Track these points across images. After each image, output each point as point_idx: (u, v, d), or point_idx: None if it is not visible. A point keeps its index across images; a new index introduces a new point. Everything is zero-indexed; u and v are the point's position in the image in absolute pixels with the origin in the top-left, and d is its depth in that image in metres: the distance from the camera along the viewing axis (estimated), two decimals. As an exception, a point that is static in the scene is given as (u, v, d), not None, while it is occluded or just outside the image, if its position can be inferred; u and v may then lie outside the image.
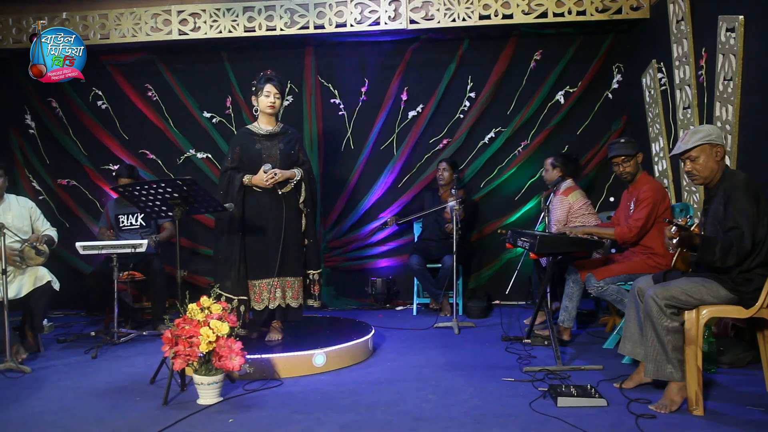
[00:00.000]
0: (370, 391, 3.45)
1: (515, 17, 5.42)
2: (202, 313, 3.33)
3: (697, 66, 4.48)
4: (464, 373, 3.76)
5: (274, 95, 4.15)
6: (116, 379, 3.84)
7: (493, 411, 3.09)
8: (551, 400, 3.18)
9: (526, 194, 5.99)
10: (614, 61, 5.86)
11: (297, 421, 3.01)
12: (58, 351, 4.62)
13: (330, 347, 3.89)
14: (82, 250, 4.67)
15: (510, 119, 5.95)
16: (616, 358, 3.94)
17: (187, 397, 3.42)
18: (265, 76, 4.20)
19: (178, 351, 3.26)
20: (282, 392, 3.48)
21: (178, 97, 6.18)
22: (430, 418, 3.02)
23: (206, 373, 3.29)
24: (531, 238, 3.79)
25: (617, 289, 3.86)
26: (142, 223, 5.32)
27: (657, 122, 5.17)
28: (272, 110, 4.16)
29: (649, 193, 3.87)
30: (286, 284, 4.17)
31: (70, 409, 3.29)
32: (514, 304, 5.88)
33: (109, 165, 6.27)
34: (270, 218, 4.11)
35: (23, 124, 6.32)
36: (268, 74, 4.22)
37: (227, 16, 5.64)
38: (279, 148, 4.19)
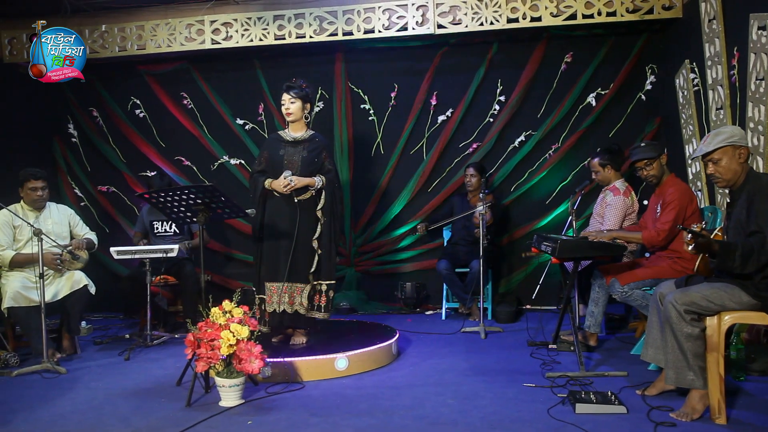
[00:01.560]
0: (389, 396, 3.47)
1: (543, 20, 5.37)
2: (223, 316, 3.41)
3: (729, 66, 4.37)
4: (486, 378, 3.74)
5: (289, 101, 4.23)
6: (145, 380, 3.95)
7: (509, 416, 3.07)
8: (570, 406, 3.15)
9: (557, 198, 5.92)
10: (647, 62, 5.74)
11: (313, 425, 3.05)
12: (94, 353, 4.78)
13: (352, 351, 3.93)
14: (116, 255, 4.82)
15: (540, 122, 5.89)
16: (642, 365, 3.84)
17: (210, 399, 3.50)
18: (284, 87, 4.29)
19: (200, 354, 3.34)
20: (302, 395, 3.53)
21: (212, 105, 6.32)
22: (446, 423, 3.02)
23: (228, 375, 3.36)
24: (553, 242, 3.75)
25: (642, 295, 3.78)
26: (176, 230, 5.46)
27: (690, 123, 5.05)
28: (289, 117, 4.25)
29: (675, 195, 3.78)
30: (295, 290, 4.21)
31: (98, 409, 3.40)
32: (544, 309, 5.81)
33: (147, 172, 6.45)
34: (285, 223, 4.19)
35: (66, 132, 6.56)
36: (286, 84, 4.31)
37: (258, 24, 5.74)
38: (302, 155, 4.25)
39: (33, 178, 4.58)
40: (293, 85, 4.28)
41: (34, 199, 4.60)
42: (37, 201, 4.62)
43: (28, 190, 4.59)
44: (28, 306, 4.40)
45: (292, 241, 4.15)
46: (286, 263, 4.15)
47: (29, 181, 4.58)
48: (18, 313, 4.39)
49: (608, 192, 4.76)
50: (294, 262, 4.15)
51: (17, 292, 4.37)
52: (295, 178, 4.14)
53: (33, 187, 4.58)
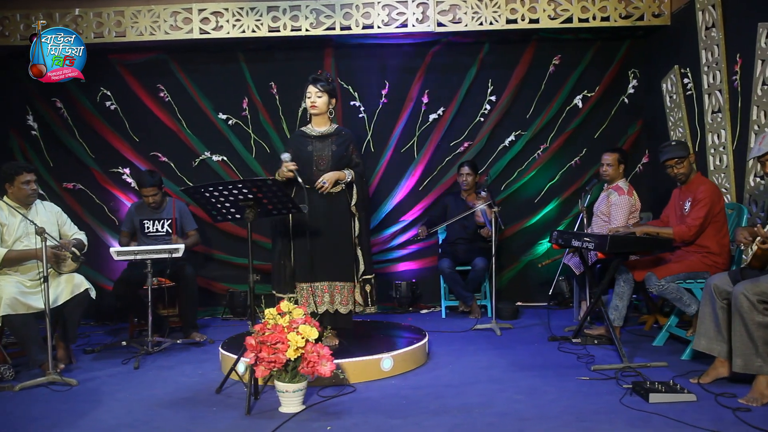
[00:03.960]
0: (452, 394, 3.42)
1: (541, 22, 5.49)
2: (283, 318, 3.24)
3: (731, 71, 4.64)
4: (534, 373, 3.77)
5: (315, 94, 4.09)
6: (175, 389, 3.69)
7: (588, 409, 3.10)
8: (637, 396, 3.22)
9: (546, 197, 6.07)
10: (630, 67, 6.00)
11: (398, 426, 2.96)
12: (91, 362, 4.41)
13: (396, 351, 3.84)
14: (117, 255, 4.48)
15: (530, 123, 6.02)
16: (671, 355, 4.03)
17: (264, 405, 3.31)
18: (310, 79, 4.16)
19: (261, 358, 3.16)
20: (361, 398, 3.41)
21: (192, 98, 6.00)
22: (531, 418, 3.01)
23: (291, 380, 3.20)
24: (596, 238, 3.84)
25: (677, 288, 3.94)
26: (168, 229, 5.14)
27: (680, 126, 5.32)
28: (314, 110, 4.12)
29: (706, 193, 3.97)
30: (335, 289, 4.09)
31: (147, 422, 3.14)
32: (537, 306, 5.93)
33: (119, 168, 6.04)
34: (316, 220, 4.03)
35: (25, 125, 6.02)
36: (312, 76, 4.18)
37: (251, 15, 5.51)
38: (331, 149, 4.13)
39: (26, 171, 4.16)
40: (320, 77, 4.14)
41: (27, 195, 4.18)
42: (30, 196, 4.20)
43: (20, 185, 4.15)
44: (25, 313, 4.00)
45: (327, 237, 4.02)
46: (322, 261, 4.00)
47: (21, 175, 4.14)
48: (14, 321, 3.97)
49: (612, 191, 4.92)
50: (334, 260, 4.01)
51: (14, 299, 3.96)
52: (326, 176, 4.01)
53: (26, 180, 4.15)
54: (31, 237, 4.22)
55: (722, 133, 4.75)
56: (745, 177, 4.46)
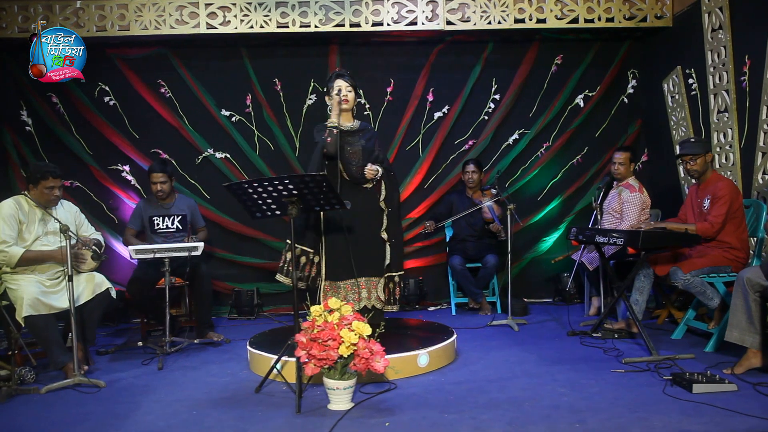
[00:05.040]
0: (495, 389, 3.43)
1: (548, 22, 5.57)
2: (332, 315, 3.21)
3: (739, 72, 4.79)
4: (568, 367, 3.82)
5: (346, 88, 4.08)
6: (210, 389, 3.61)
7: (635, 400, 3.16)
8: (678, 387, 3.30)
9: (548, 195, 6.16)
10: (629, 67, 6.14)
11: (456, 421, 2.96)
12: (109, 363, 4.29)
13: (431, 347, 3.85)
14: (135, 254, 4.37)
15: (533, 121, 6.10)
16: (693, 348, 4.14)
17: (311, 403, 3.27)
18: (335, 73, 4.20)
19: (312, 355, 3.12)
20: (405, 394, 3.40)
21: (194, 94, 5.89)
22: (584, 410, 3.05)
23: (341, 377, 3.17)
24: (627, 234, 3.92)
25: (701, 282, 4.05)
26: (179, 226, 5.04)
27: (683, 125, 5.47)
28: (345, 105, 4.10)
29: (726, 190, 4.09)
30: (371, 284, 4.10)
31: (197, 422, 3.07)
32: (541, 302, 6.02)
33: (118, 165, 5.89)
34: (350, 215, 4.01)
35: (18, 120, 5.81)
36: (337, 71, 4.19)
37: (259, 10, 5.44)
38: (361, 144, 4.13)
39: (52, 176, 4.02)
40: (345, 73, 4.14)
41: (49, 200, 4.06)
42: (52, 201, 4.09)
43: (43, 189, 4.02)
44: (47, 314, 3.87)
45: (361, 233, 4.01)
46: (358, 257, 4.00)
47: (47, 180, 4.02)
48: (36, 322, 3.84)
49: (623, 189, 5.03)
50: (368, 255, 4.01)
51: (35, 299, 3.82)
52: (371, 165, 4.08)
53: (50, 186, 4.03)
54: (50, 237, 4.13)
55: (729, 132, 4.90)
56: (754, 174, 4.61)
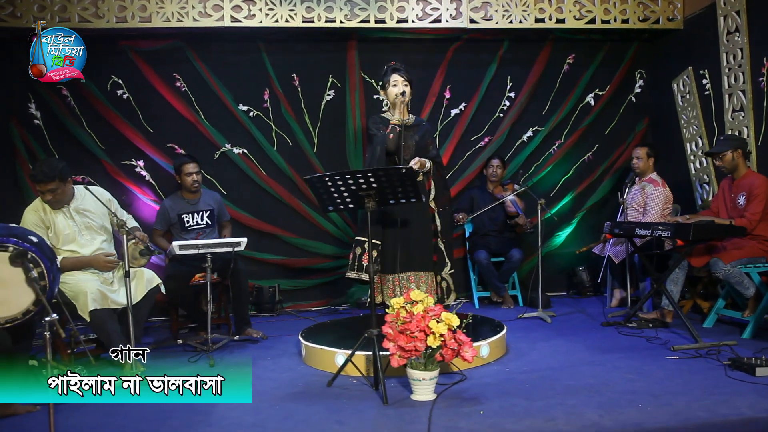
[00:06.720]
0: (565, 377, 3.51)
1: (567, 22, 5.72)
2: (414, 306, 3.24)
3: (756, 73, 5.03)
4: (620, 355, 3.94)
5: (402, 83, 4.11)
6: (278, 385, 3.59)
7: (704, 383, 3.30)
8: (739, 371, 3.46)
9: (561, 191, 6.31)
10: (637, 67, 6.35)
11: (547, 407, 3.02)
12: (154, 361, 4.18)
13: (491, 339, 3.91)
14: (178, 249, 4.27)
15: (546, 119, 6.23)
16: (727, 335, 4.33)
17: (394, 395, 3.27)
18: (391, 67, 4.20)
19: (399, 347, 3.14)
20: (480, 383, 3.45)
21: (210, 88, 5.78)
22: (662, 394, 3.16)
23: (426, 368, 3.20)
24: (675, 226, 4.09)
25: (740, 272, 4.25)
26: (208, 221, 4.95)
27: (694, 124, 5.70)
28: (402, 99, 4.11)
29: (762, 188, 4.31)
30: (420, 279, 4.14)
31: (288, 416, 3.05)
32: (557, 294, 6.17)
33: (132, 160, 5.73)
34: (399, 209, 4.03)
35: (26, 113, 5.59)
36: (393, 65, 4.21)
37: (284, 5, 5.39)
38: (414, 139, 4.16)
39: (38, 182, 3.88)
40: (401, 67, 4.16)
41: (50, 202, 3.95)
42: (53, 204, 3.96)
43: (39, 194, 3.96)
44: (110, 309, 3.79)
45: (410, 228, 4.04)
46: (407, 251, 4.02)
47: (36, 184, 3.91)
48: (102, 315, 3.73)
49: (646, 184, 5.22)
50: (418, 250, 4.03)
51: (98, 292, 3.75)
52: (418, 158, 4.08)
53: (41, 191, 3.92)
54: (85, 234, 4.00)
55: (744, 130, 5.14)
56: (770, 171, 4.86)
